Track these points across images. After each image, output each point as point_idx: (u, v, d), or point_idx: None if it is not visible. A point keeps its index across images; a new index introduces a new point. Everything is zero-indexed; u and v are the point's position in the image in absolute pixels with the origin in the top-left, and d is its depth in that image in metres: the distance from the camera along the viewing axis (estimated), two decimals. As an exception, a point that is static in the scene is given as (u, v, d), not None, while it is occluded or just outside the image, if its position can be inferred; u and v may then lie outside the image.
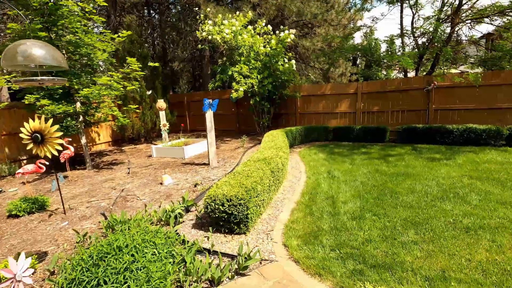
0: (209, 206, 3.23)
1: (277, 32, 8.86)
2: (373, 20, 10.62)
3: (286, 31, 8.71)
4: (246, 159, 5.06)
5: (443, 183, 4.53)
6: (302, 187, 4.76)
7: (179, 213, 3.61)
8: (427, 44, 9.41)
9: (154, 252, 2.35)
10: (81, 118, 6.73)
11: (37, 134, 3.65)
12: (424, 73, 10.65)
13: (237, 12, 9.07)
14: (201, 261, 2.59)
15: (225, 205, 3.14)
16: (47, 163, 4.90)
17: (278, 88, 9.17)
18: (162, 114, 8.95)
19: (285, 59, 8.79)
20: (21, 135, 3.81)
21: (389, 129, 8.34)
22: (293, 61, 8.67)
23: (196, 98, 12.32)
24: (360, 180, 4.91)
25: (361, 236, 3.08)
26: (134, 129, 10.14)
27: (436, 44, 8.91)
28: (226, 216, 3.18)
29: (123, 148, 9.86)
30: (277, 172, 4.36)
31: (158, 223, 3.62)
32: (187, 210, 3.96)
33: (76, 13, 5.96)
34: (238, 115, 11.63)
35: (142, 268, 2.14)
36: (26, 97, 5.85)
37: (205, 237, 3.23)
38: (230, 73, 8.38)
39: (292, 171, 5.83)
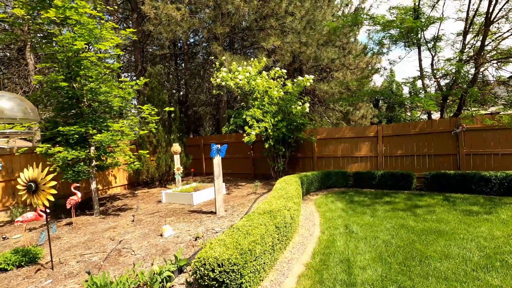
0: (198, 272, 2.79)
1: (295, 80, 8.92)
2: (390, 63, 10.48)
3: (306, 76, 8.75)
4: (256, 208, 4.62)
5: (486, 245, 3.77)
6: (314, 245, 4.17)
7: (168, 276, 3.17)
8: (450, 85, 8.97)
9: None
10: (93, 163, 6.76)
11: (32, 183, 3.53)
12: (451, 114, 10.03)
13: (252, 59, 9.33)
14: None
15: (215, 271, 2.69)
16: (48, 210, 4.76)
17: (293, 132, 8.93)
18: (176, 158, 8.91)
19: (299, 102, 8.68)
20: (18, 186, 3.73)
21: (415, 175, 7.60)
22: (307, 104, 8.51)
23: (211, 142, 12.35)
24: (382, 238, 4.25)
25: (383, 319, 2.45)
26: (149, 173, 10.13)
27: (460, 85, 8.45)
28: (216, 285, 2.70)
29: (136, 192, 9.77)
30: (283, 227, 3.86)
31: (144, 287, 3.19)
32: (180, 270, 3.51)
33: (95, 63, 6.31)
34: (254, 159, 11.38)
35: None
36: (38, 147, 6.01)
37: (192, 309, 2.74)
38: (244, 117, 8.34)
39: (305, 223, 5.26)
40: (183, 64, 19.05)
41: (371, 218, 5.25)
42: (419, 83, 10.36)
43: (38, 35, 7.35)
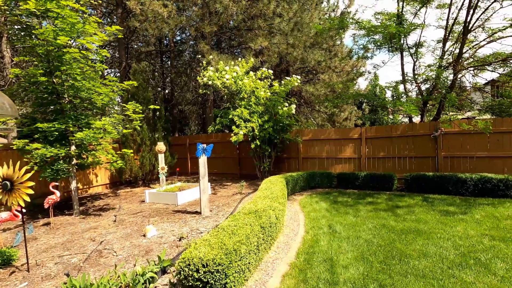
0: (182, 272, 2.76)
1: (283, 81, 8.99)
2: (374, 67, 10.77)
3: (294, 76, 8.84)
4: (241, 208, 4.62)
5: (461, 244, 3.94)
6: (299, 245, 4.22)
7: (151, 277, 3.12)
8: (430, 90, 9.32)
9: None
10: (74, 161, 6.54)
11: (7, 182, 3.38)
12: (430, 118, 10.42)
13: (239, 59, 9.32)
14: None
15: (200, 271, 2.67)
16: (24, 210, 4.57)
17: (279, 132, 9.00)
18: (161, 157, 8.75)
19: (286, 103, 8.76)
20: (-9, 182, 3.56)
21: (396, 176, 7.84)
22: (293, 106, 8.60)
23: (197, 141, 12.24)
24: (364, 237, 4.35)
25: (364, 317, 2.51)
26: (132, 172, 9.91)
27: (440, 90, 8.80)
28: (201, 285, 2.68)
29: (118, 191, 9.53)
30: (268, 227, 3.89)
31: (126, 288, 3.12)
32: (164, 271, 3.46)
33: (78, 60, 6.10)
34: (240, 159, 11.37)
35: None
36: (14, 142, 5.75)
37: (176, 311, 2.71)
38: (230, 116, 8.32)
39: (290, 223, 5.31)
40: (169, 62, 18.75)
41: (354, 218, 5.37)
42: (401, 87, 10.70)
43: (16, 27, 7.02)
